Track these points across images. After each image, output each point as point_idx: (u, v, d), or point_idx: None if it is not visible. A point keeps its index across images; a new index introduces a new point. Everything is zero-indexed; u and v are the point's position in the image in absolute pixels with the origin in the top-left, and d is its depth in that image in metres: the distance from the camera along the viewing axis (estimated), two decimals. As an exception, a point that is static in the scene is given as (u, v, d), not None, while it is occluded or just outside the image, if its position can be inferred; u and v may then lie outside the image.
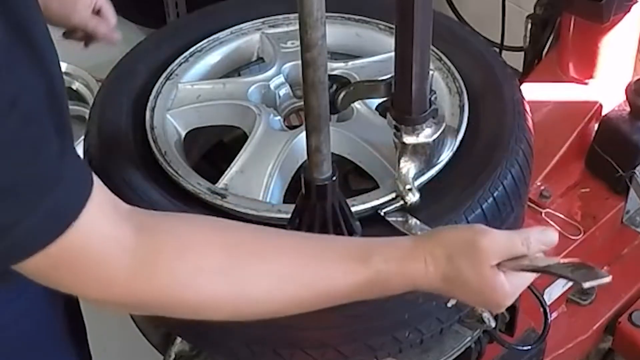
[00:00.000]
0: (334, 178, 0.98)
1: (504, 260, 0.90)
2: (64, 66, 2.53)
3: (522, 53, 1.91)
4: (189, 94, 1.26)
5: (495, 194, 1.11)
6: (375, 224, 1.07)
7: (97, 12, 1.37)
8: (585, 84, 1.73)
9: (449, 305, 1.08)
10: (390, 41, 1.06)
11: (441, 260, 0.90)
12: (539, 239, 0.91)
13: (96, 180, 0.81)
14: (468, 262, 0.89)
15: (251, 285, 0.87)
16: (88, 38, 1.41)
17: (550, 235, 0.93)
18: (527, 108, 1.23)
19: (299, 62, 0.90)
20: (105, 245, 0.81)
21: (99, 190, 0.81)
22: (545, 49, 1.86)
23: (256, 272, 0.87)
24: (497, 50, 2.03)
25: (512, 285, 0.91)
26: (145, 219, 0.86)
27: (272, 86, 1.28)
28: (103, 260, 0.81)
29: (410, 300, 1.07)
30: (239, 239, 0.90)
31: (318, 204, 1.00)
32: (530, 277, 0.93)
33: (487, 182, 1.11)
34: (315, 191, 0.99)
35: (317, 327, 1.08)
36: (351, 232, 1.03)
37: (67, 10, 1.34)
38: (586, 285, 0.87)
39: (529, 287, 0.93)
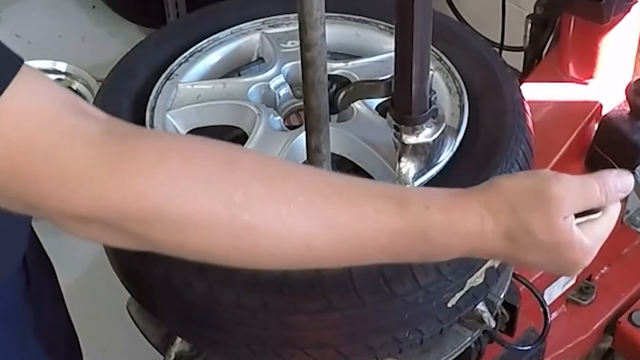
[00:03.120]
0: None
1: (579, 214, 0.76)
2: (63, 66, 2.53)
3: (522, 53, 1.91)
4: (189, 94, 1.26)
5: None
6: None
7: None
8: (585, 84, 1.73)
9: (449, 305, 1.08)
10: (390, 41, 1.06)
11: (502, 215, 0.74)
12: (617, 184, 0.78)
13: (39, 73, 0.69)
14: (538, 215, 0.75)
15: (253, 210, 0.71)
16: None
17: (628, 179, 0.79)
18: (527, 108, 1.23)
19: (299, 62, 0.90)
20: (54, 132, 0.67)
21: (41, 79, 0.69)
22: (545, 49, 1.86)
23: (258, 195, 0.71)
24: (497, 50, 2.03)
25: (592, 239, 0.78)
26: (122, 124, 0.72)
27: (272, 86, 1.28)
28: (55, 150, 0.66)
29: (411, 301, 1.07)
30: (242, 157, 0.74)
31: None
32: (610, 224, 0.79)
33: (487, 182, 1.11)
34: None
35: (317, 328, 1.08)
36: None
37: None
38: None
39: (528, 287, 0.91)
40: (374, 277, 1.04)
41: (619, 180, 0.78)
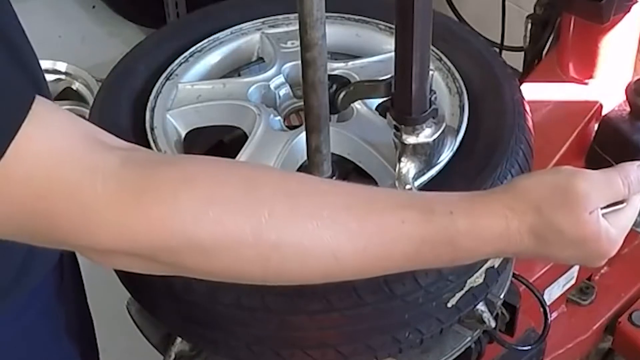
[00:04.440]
0: (334, 178, 0.98)
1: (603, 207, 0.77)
2: (63, 66, 2.53)
3: (522, 53, 1.91)
4: (189, 94, 1.26)
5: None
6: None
7: None
8: (585, 84, 1.73)
9: (449, 305, 1.08)
10: (390, 41, 1.06)
11: (527, 214, 0.75)
12: (639, 176, 0.79)
13: (54, 106, 0.68)
14: (564, 212, 0.75)
15: (279, 229, 0.70)
16: None
17: None
18: (527, 108, 1.23)
19: (299, 62, 0.90)
20: (73, 170, 0.66)
21: (55, 112, 0.68)
22: (545, 49, 1.86)
23: (283, 213, 0.71)
24: (497, 50, 2.03)
25: (618, 229, 0.79)
26: (142, 152, 0.72)
27: (272, 86, 1.28)
28: (76, 188, 0.66)
29: (411, 301, 1.07)
30: (262, 175, 0.74)
31: None
32: (633, 214, 0.80)
33: (487, 182, 1.11)
34: None
35: (317, 328, 1.08)
36: None
37: None
38: None
39: (528, 287, 0.91)
40: (374, 277, 1.04)
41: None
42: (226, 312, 1.07)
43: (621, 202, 0.79)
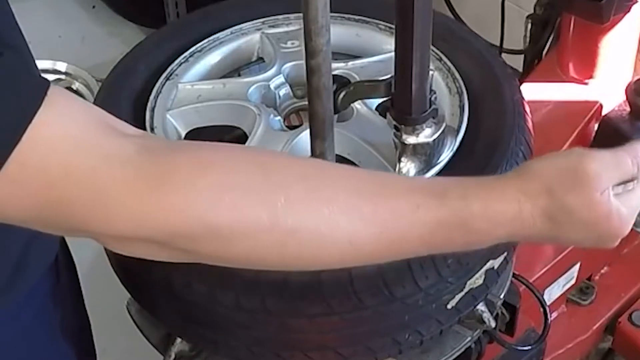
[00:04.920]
0: None
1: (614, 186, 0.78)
2: (63, 66, 2.53)
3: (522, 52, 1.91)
4: (189, 94, 1.26)
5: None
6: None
7: None
8: (585, 84, 1.73)
9: (449, 306, 1.08)
10: (390, 41, 1.06)
11: (540, 197, 0.76)
12: None
13: (69, 94, 0.68)
14: (575, 193, 0.76)
15: (295, 214, 0.71)
16: None
17: None
18: (527, 109, 1.23)
19: (299, 62, 0.91)
20: (89, 156, 0.66)
21: (71, 99, 0.68)
22: (545, 49, 1.86)
23: (299, 197, 0.71)
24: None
25: (629, 208, 0.79)
26: (156, 139, 0.73)
27: (272, 86, 1.28)
28: (93, 174, 0.66)
29: (410, 303, 1.07)
30: (276, 160, 0.74)
31: None
32: None
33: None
34: None
35: (317, 330, 1.08)
36: None
37: None
38: None
39: (528, 287, 0.91)
40: (374, 280, 1.04)
41: None
42: (226, 313, 1.07)
43: (631, 181, 0.80)
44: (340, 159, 1.17)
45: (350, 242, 0.73)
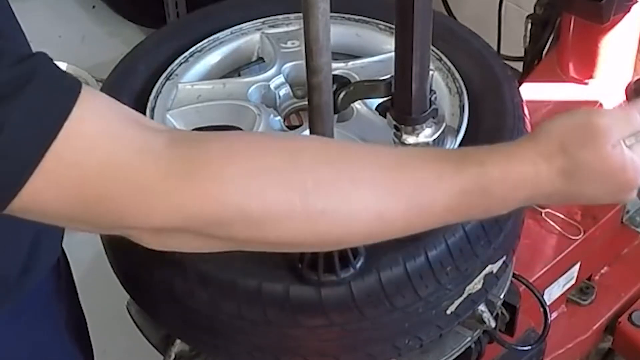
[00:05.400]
0: None
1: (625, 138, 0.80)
2: (63, 66, 2.53)
3: (522, 52, 1.91)
4: (189, 94, 1.26)
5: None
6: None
7: None
8: (585, 84, 1.73)
9: (449, 312, 1.09)
10: (390, 41, 1.05)
11: (554, 156, 0.78)
12: None
13: (98, 92, 0.71)
14: (589, 147, 0.78)
15: (325, 194, 0.73)
16: None
17: None
18: (526, 111, 1.23)
19: (299, 62, 0.91)
20: (123, 151, 0.68)
21: (101, 96, 0.70)
22: (545, 49, 1.86)
23: (327, 178, 0.74)
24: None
25: None
26: (182, 133, 0.76)
27: (272, 86, 1.28)
28: (129, 169, 0.68)
29: (411, 311, 1.07)
30: (302, 144, 0.78)
31: None
32: None
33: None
34: None
35: (317, 339, 1.09)
36: (355, 254, 1.03)
37: None
38: None
39: (528, 287, 0.92)
40: (375, 293, 1.04)
41: None
42: (227, 320, 1.08)
43: None
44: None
45: (379, 217, 0.76)
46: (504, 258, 1.15)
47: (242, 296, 1.05)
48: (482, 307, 1.19)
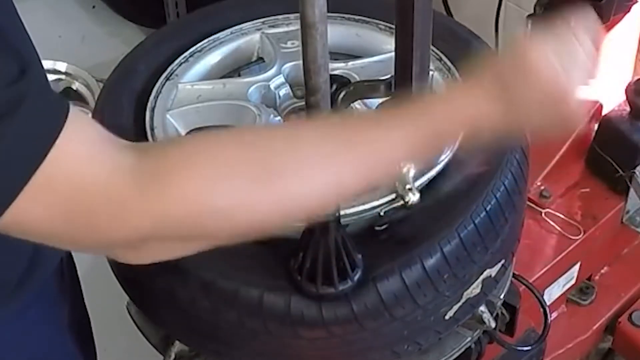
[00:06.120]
0: (337, 214, 0.99)
1: None
2: (63, 66, 2.53)
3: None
4: (189, 94, 1.26)
5: (496, 195, 1.11)
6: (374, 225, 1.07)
7: None
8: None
9: (447, 317, 1.09)
10: (390, 41, 1.06)
11: (484, 78, 0.84)
12: (585, 27, 0.86)
13: (80, 112, 0.75)
14: (517, 57, 0.84)
15: (284, 177, 0.77)
16: None
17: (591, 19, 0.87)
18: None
19: (299, 62, 0.91)
20: (102, 169, 0.72)
21: (83, 117, 0.74)
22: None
23: (285, 160, 0.78)
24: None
25: (571, 62, 0.84)
26: (148, 146, 0.82)
27: (272, 86, 1.28)
28: (108, 187, 0.72)
29: (410, 320, 1.08)
30: (258, 134, 0.83)
31: (321, 239, 1.01)
32: (582, 52, 0.86)
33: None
34: (318, 227, 1.00)
35: (317, 349, 1.09)
36: (353, 266, 1.03)
37: None
38: None
39: (528, 287, 0.92)
40: (375, 306, 1.05)
41: (586, 23, 0.86)
42: (229, 328, 1.08)
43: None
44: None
45: (340, 184, 0.81)
46: (503, 261, 1.16)
47: (243, 307, 1.06)
48: (482, 308, 1.19)
